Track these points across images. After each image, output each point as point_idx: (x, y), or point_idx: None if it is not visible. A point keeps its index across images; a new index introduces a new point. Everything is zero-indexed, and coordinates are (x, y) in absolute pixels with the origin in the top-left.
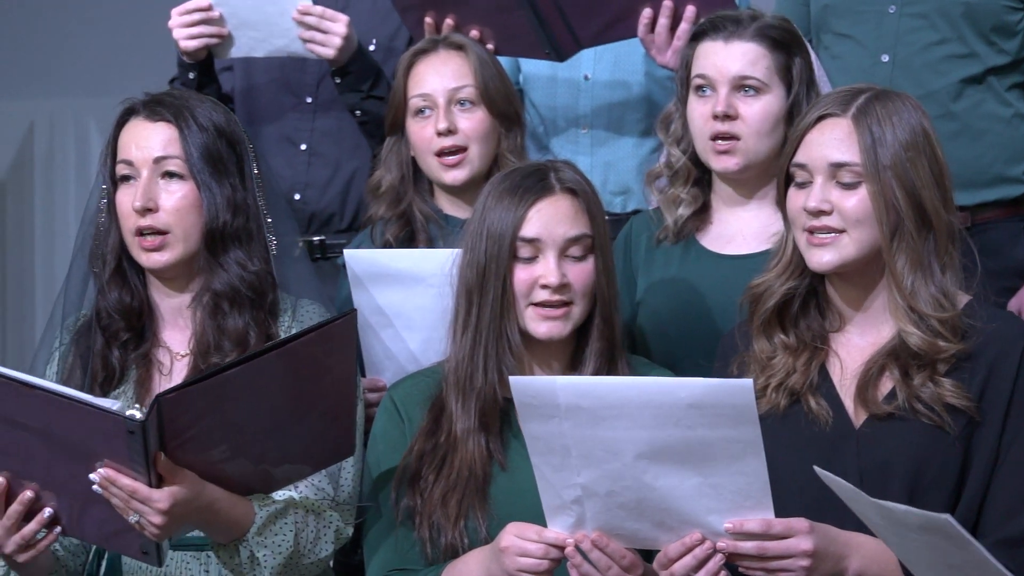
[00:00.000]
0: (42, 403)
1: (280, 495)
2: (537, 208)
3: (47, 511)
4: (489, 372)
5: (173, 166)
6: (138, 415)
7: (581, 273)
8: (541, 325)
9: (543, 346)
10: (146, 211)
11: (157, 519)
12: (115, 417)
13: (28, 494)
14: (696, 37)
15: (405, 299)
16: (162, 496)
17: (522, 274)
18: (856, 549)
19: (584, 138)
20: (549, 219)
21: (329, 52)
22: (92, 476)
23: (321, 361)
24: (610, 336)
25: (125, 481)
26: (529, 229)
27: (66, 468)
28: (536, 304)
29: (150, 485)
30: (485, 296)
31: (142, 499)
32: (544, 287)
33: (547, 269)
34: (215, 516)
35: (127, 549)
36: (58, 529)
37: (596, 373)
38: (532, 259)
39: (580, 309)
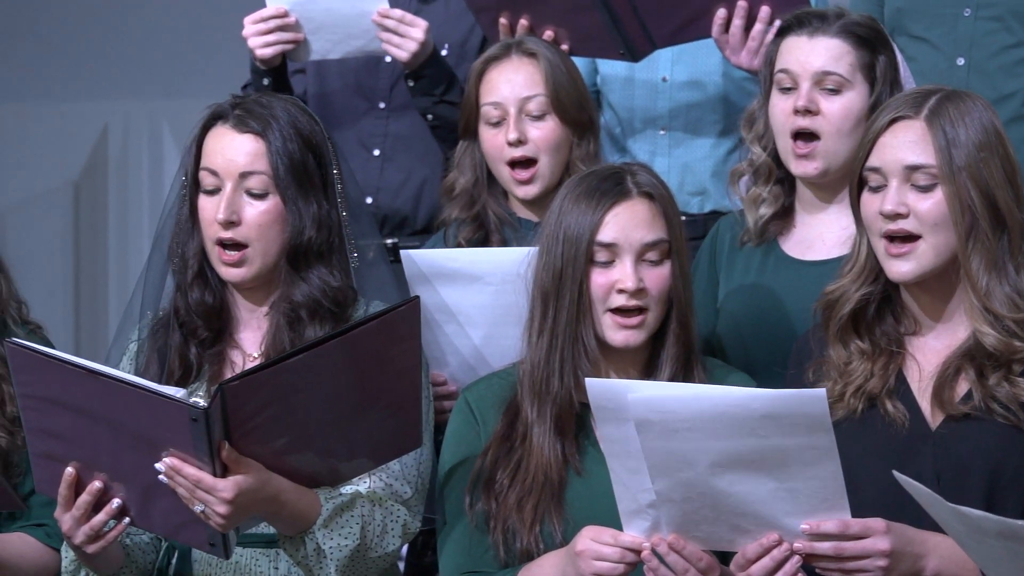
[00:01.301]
0: (109, 391)
1: (347, 488)
2: (614, 212)
3: (115, 502)
4: (565, 377)
5: (258, 183)
6: (201, 403)
7: (658, 278)
8: (617, 334)
9: (618, 353)
10: (229, 224)
11: (222, 508)
12: (179, 404)
13: (97, 484)
14: (781, 33)
15: (463, 297)
16: (227, 485)
17: (599, 279)
18: (933, 549)
19: (662, 139)
20: (626, 223)
21: (403, 55)
22: (158, 465)
23: (384, 350)
24: (686, 341)
25: (190, 470)
26: (606, 234)
27: (133, 458)
28: (612, 310)
29: (215, 475)
30: (561, 300)
31: (207, 488)
32: (621, 292)
33: (624, 274)
34: (281, 507)
35: (194, 540)
36: (127, 520)
37: (672, 378)
38: (609, 263)
39: (655, 315)
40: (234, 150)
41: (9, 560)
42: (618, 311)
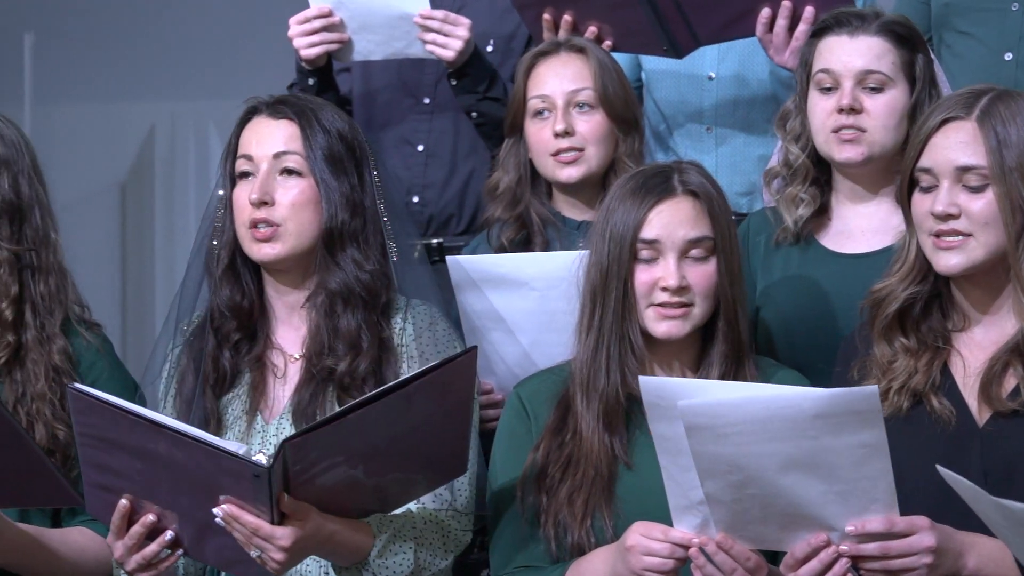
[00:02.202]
0: (169, 442)
1: (399, 509)
2: (657, 210)
3: (168, 534)
4: (612, 373)
5: (292, 162)
6: (264, 461)
7: (702, 275)
8: (660, 324)
9: (665, 347)
10: (261, 204)
11: (279, 555)
12: (241, 462)
13: (150, 517)
14: (818, 33)
15: (509, 303)
16: (285, 534)
17: (643, 276)
18: (972, 547)
19: (708, 137)
20: (669, 221)
21: (449, 55)
22: (215, 511)
23: (441, 395)
24: (735, 339)
25: (248, 518)
26: (649, 231)
27: (189, 498)
28: (656, 304)
29: (272, 522)
30: (607, 297)
31: (265, 536)
32: (664, 289)
33: (667, 271)
34: (336, 546)
35: (245, 575)
36: (179, 552)
37: (722, 377)
38: (652, 261)
39: (701, 311)
40: (268, 134)
41: (70, 554)
42: (661, 305)
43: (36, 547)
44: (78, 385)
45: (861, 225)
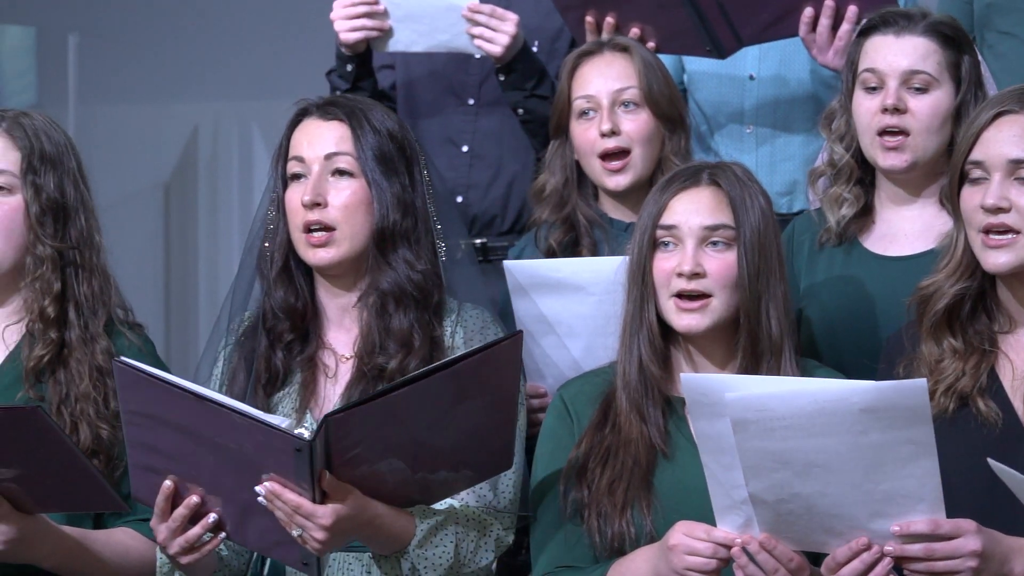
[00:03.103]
0: (214, 416)
1: (441, 504)
2: (678, 198)
3: (211, 516)
4: (644, 364)
5: (344, 163)
6: (306, 434)
7: (721, 265)
8: (680, 318)
9: (693, 341)
10: (314, 205)
11: (320, 535)
12: (283, 435)
13: (194, 499)
14: (864, 32)
15: (565, 307)
16: (326, 513)
17: (661, 263)
18: (1019, 552)
19: (748, 137)
20: (687, 207)
21: (496, 50)
22: (258, 489)
23: (486, 381)
24: (755, 333)
25: (290, 496)
26: (668, 217)
27: (232, 477)
28: (675, 295)
29: (314, 501)
30: (632, 288)
31: (306, 515)
32: (680, 275)
33: (683, 257)
34: (376, 531)
35: (287, 558)
36: (222, 534)
37: (743, 371)
38: (672, 248)
39: (720, 302)
40: (320, 136)
41: (114, 556)
42: (679, 295)
43: (80, 549)
44: (124, 359)
45: (905, 228)
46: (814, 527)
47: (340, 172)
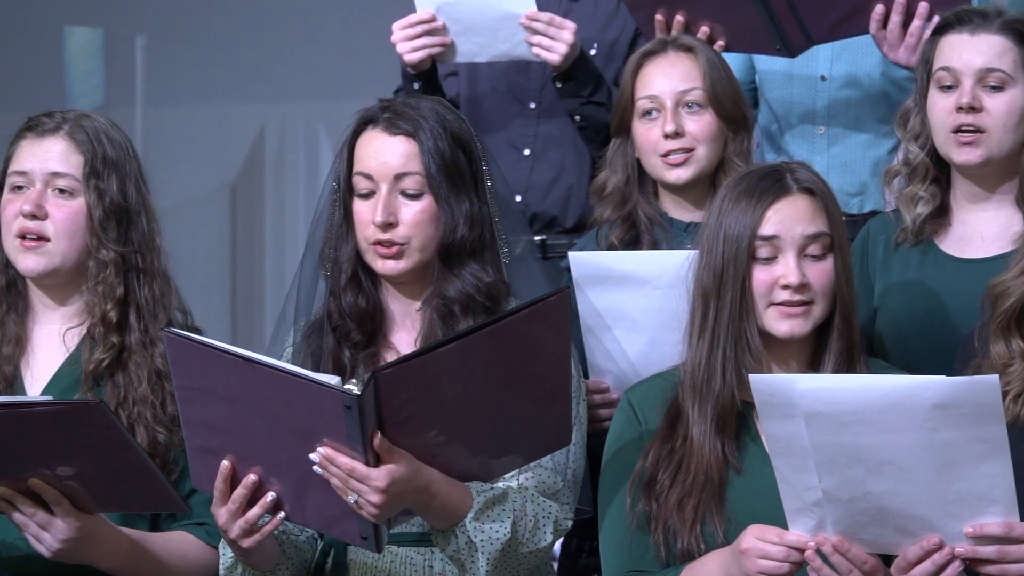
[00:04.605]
0: (264, 379)
1: (499, 484)
2: (775, 208)
3: (270, 495)
4: (727, 375)
5: (413, 183)
6: (355, 390)
7: (821, 272)
8: (782, 323)
9: (781, 347)
10: (387, 226)
11: (375, 498)
12: (333, 391)
13: (252, 478)
14: (939, 31)
15: (629, 301)
16: (380, 474)
17: (761, 275)
18: None
19: (820, 138)
20: (787, 217)
21: (555, 58)
22: (312, 456)
23: (534, 340)
24: (850, 337)
25: (344, 460)
26: (767, 228)
27: (288, 449)
28: (776, 304)
29: (368, 464)
30: (723, 299)
31: (360, 477)
32: (785, 287)
33: (787, 268)
34: (432, 498)
35: (347, 534)
36: (281, 514)
37: (835, 373)
38: (771, 259)
39: (820, 308)
40: (387, 153)
41: (171, 559)
42: (782, 304)
43: (139, 550)
44: (173, 328)
45: (980, 230)
46: (887, 527)
47: (409, 191)
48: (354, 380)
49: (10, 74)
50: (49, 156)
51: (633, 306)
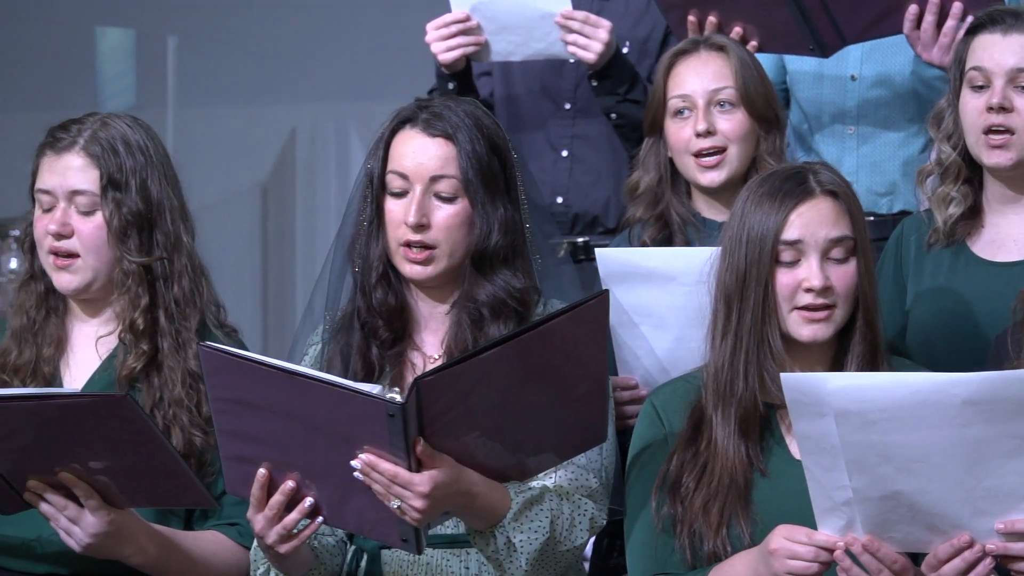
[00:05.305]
0: (304, 390)
1: (535, 483)
2: (799, 211)
3: (308, 500)
4: (750, 378)
5: (448, 186)
6: (398, 398)
7: (844, 276)
8: (805, 328)
9: (804, 350)
10: (420, 227)
11: (418, 503)
12: (376, 401)
13: (290, 484)
14: (972, 31)
15: (657, 297)
16: (423, 480)
17: (784, 278)
18: None
19: (850, 138)
20: (811, 221)
21: (591, 56)
22: (354, 463)
23: (575, 343)
24: (872, 339)
25: (386, 466)
26: (791, 232)
27: (326, 456)
28: (799, 308)
29: (410, 470)
30: (746, 301)
31: (403, 483)
32: (808, 290)
33: (810, 272)
34: (472, 500)
35: (386, 537)
36: (320, 519)
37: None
38: (794, 263)
39: (843, 312)
40: (424, 154)
41: (202, 557)
42: (805, 307)
43: (169, 547)
44: (209, 343)
45: (1013, 233)
46: (917, 525)
47: (444, 194)
48: (379, 384)
49: (42, 74)
50: (68, 174)
51: (660, 303)
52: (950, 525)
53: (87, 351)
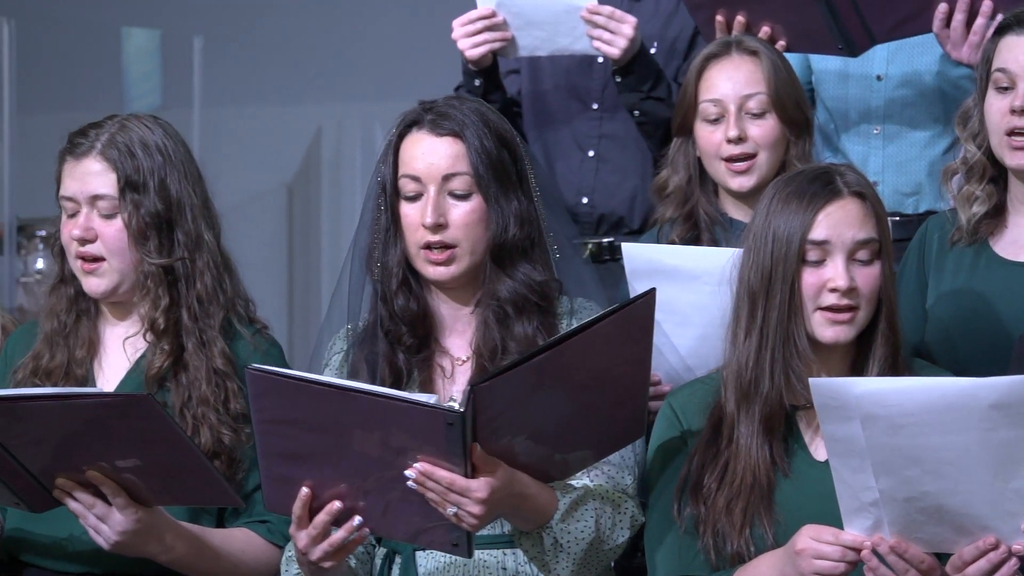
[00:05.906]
0: (358, 405)
1: (576, 482)
2: (826, 212)
3: (356, 519)
4: (775, 376)
5: (462, 184)
6: (456, 406)
7: (868, 277)
8: (828, 330)
9: (825, 351)
10: (437, 227)
11: (476, 509)
12: (435, 411)
13: (337, 505)
14: (999, 32)
15: (681, 295)
16: (480, 486)
17: (810, 278)
18: None
19: (876, 138)
20: (838, 222)
21: (615, 52)
22: (407, 472)
23: (622, 342)
24: (894, 342)
25: (442, 474)
26: (818, 232)
27: (376, 468)
28: (823, 308)
29: (466, 476)
30: (771, 300)
31: (460, 490)
32: (833, 291)
33: (836, 272)
34: (524, 502)
35: (435, 543)
36: (366, 531)
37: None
38: (820, 263)
39: (865, 314)
40: (434, 153)
41: (231, 555)
42: (829, 308)
43: (197, 544)
44: (256, 365)
45: None
46: (944, 526)
47: (458, 192)
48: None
49: (69, 75)
50: (87, 179)
51: (684, 301)
52: (977, 526)
53: (118, 353)
